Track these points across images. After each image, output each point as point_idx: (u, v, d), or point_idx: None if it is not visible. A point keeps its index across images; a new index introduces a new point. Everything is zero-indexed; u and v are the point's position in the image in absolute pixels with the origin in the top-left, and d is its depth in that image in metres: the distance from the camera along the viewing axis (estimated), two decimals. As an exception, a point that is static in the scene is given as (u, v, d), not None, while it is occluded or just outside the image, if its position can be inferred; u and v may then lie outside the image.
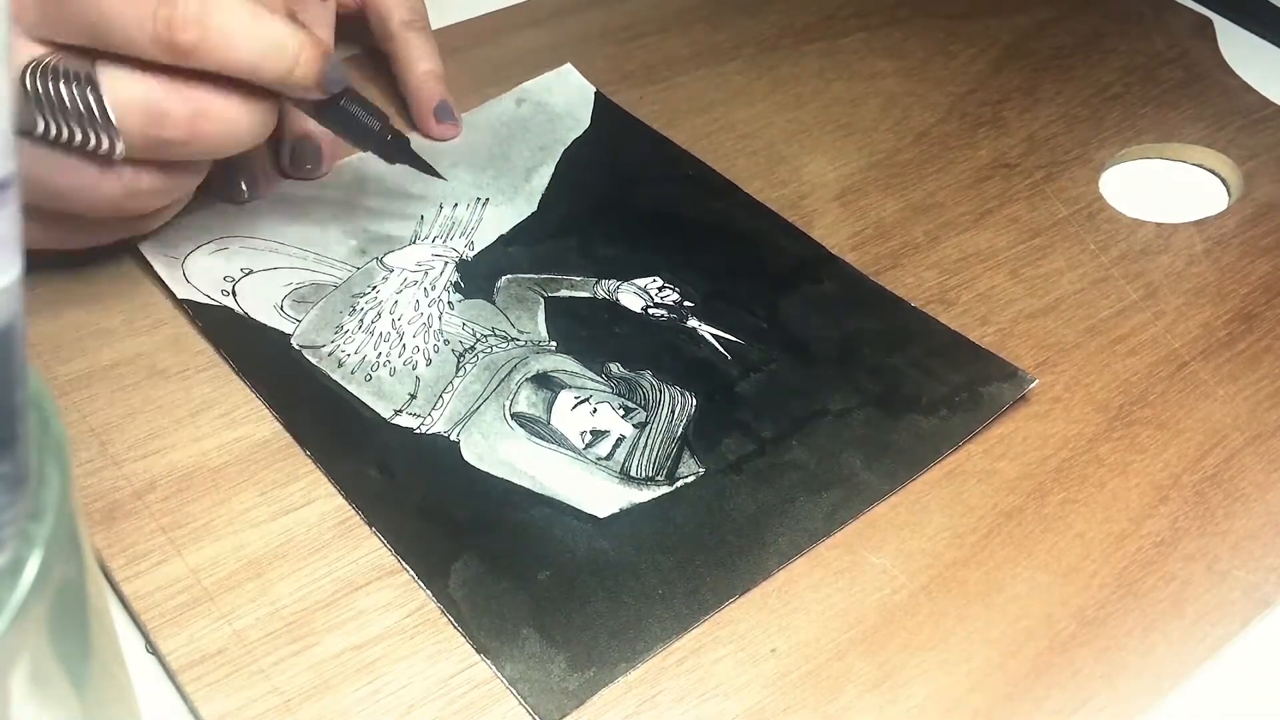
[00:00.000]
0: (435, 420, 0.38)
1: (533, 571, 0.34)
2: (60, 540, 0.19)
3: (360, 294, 0.42)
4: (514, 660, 0.32)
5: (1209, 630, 0.34)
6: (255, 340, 0.40)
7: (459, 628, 0.33)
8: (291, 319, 0.41)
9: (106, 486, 0.36)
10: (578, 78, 0.52)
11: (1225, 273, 0.45)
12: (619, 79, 0.53)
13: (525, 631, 0.33)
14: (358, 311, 0.41)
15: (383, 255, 0.43)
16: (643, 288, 0.43)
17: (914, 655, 0.33)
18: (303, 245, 0.43)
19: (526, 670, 0.32)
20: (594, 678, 0.32)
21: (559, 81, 0.52)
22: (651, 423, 0.38)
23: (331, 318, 0.41)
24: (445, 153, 0.48)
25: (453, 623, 0.33)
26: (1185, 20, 0.59)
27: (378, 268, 0.43)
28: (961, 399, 0.39)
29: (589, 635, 0.33)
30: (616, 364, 0.40)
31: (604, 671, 0.32)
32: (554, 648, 0.32)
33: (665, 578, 0.34)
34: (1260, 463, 0.38)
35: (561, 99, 0.51)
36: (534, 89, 0.51)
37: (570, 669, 0.32)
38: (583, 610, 0.33)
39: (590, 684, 0.32)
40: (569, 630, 0.33)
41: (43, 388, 0.20)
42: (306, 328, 0.41)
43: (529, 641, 0.32)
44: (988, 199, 0.48)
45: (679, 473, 0.37)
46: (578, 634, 0.33)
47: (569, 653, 0.32)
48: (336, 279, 0.42)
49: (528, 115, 0.50)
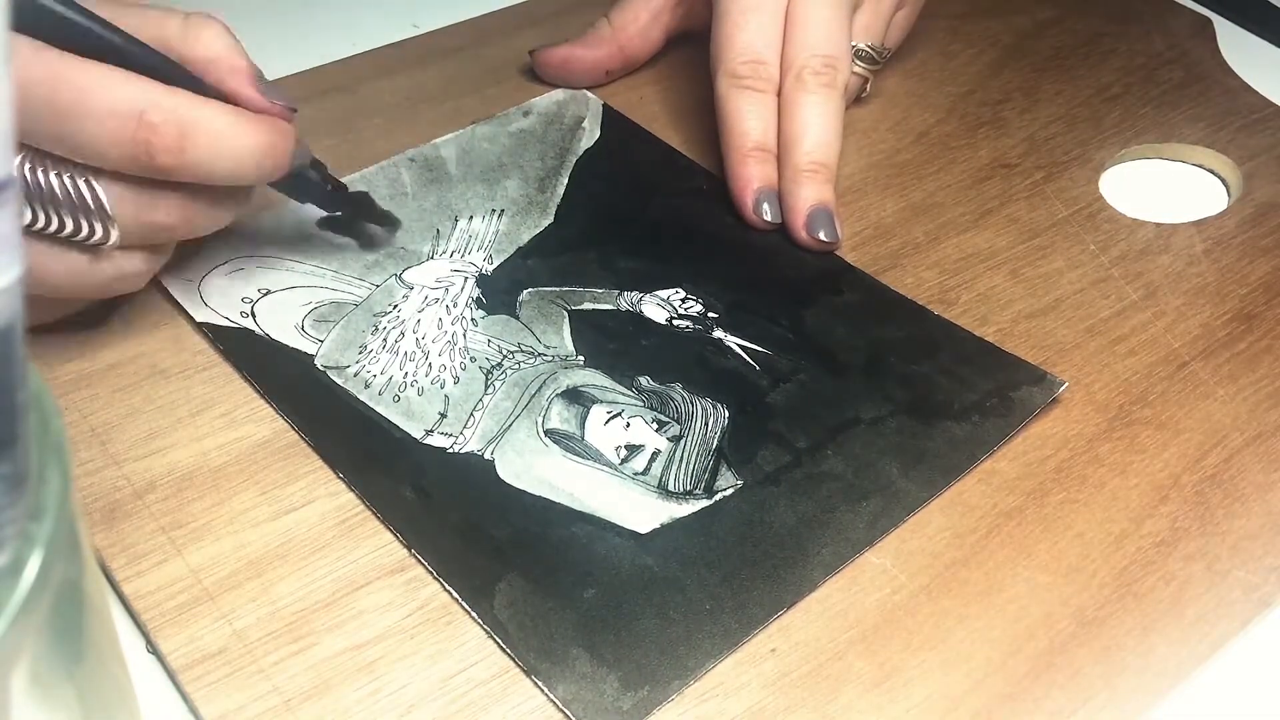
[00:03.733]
0: (468, 439, 0.38)
1: (578, 590, 0.34)
2: (60, 540, 0.19)
3: (382, 313, 0.41)
4: (565, 681, 0.32)
5: (1209, 630, 0.34)
6: (278, 361, 0.40)
7: (506, 649, 0.32)
8: (313, 339, 0.40)
9: (107, 486, 0.36)
10: (585, 95, 0.52)
11: (1225, 273, 0.45)
12: (619, 80, 0.53)
13: (575, 651, 0.32)
14: (380, 331, 0.41)
15: (401, 272, 0.43)
16: (666, 299, 0.43)
17: (914, 655, 0.33)
18: (320, 263, 0.43)
19: (579, 691, 0.31)
20: (647, 697, 0.31)
21: (569, 98, 0.52)
22: (686, 436, 0.38)
23: (354, 337, 0.41)
24: (454, 164, 0.48)
25: (500, 645, 0.32)
26: (1185, 20, 0.59)
27: (397, 285, 0.43)
28: (993, 404, 0.39)
29: (639, 654, 0.32)
30: (646, 377, 0.40)
31: (657, 690, 0.32)
32: (605, 667, 0.32)
33: (712, 593, 0.34)
34: (1260, 463, 0.38)
35: (570, 111, 0.51)
36: (541, 103, 0.51)
37: (623, 689, 0.32)
38: (631, 628, 0.33)
39: (644, 704, 0.31)
40: (619, 649, 0.32)
41: (43, 388, 0.20)
42: (329, 348, 0.40)
43: (579, 661, 0.32)
44: (988, 199, 0.48)
45: (717, 485, 0.37)
46: (628, 652, 0.32)
47: (620, 672, 0.32)
48: (355, 297, 0.42)
49: (537, 127, 0.50)
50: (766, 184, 0.46)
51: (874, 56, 0.50)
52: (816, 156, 0.46)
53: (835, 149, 0.46)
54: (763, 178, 0.46)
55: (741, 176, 0.46)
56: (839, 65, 0.47)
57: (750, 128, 0.46)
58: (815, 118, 0.46)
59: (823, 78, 0.46)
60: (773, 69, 0.47)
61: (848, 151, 0.50)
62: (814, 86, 0.46)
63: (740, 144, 0.46)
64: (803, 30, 0.47)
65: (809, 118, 0.46)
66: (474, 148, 0.49)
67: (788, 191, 0.46)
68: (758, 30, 0.47)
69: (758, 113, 0.46)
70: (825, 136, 0.46)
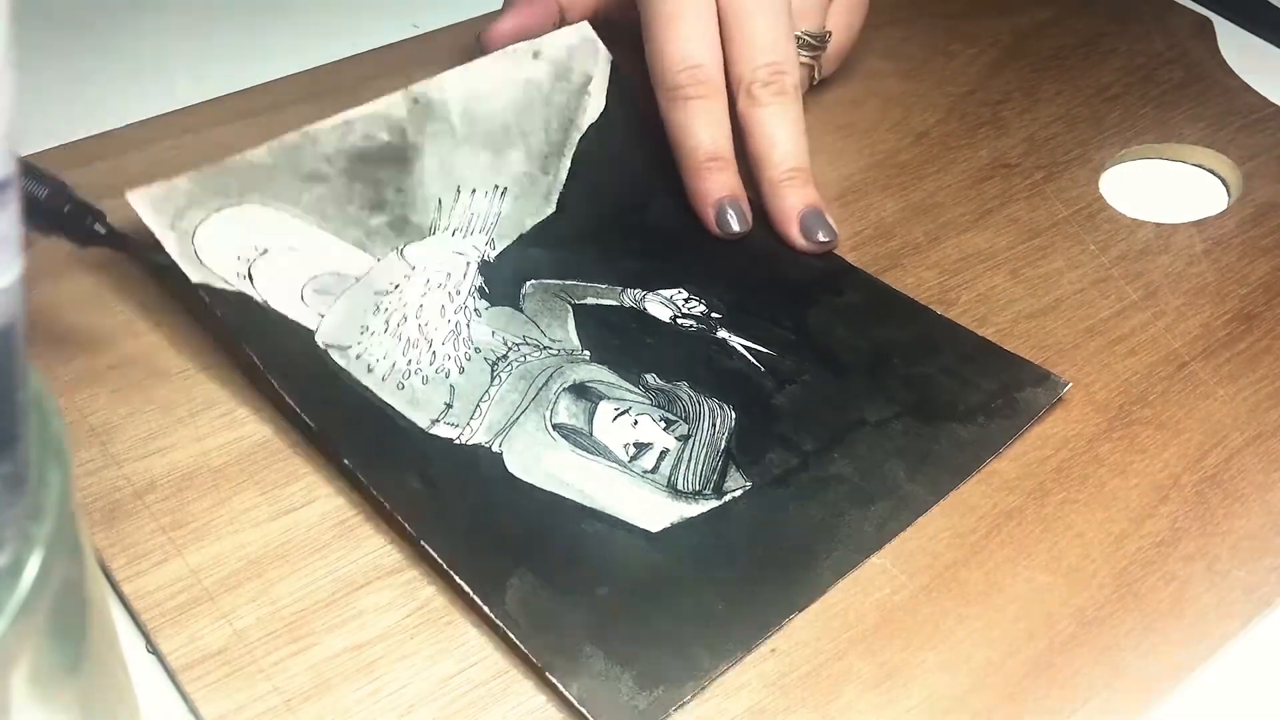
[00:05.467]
0: (475, 430, 0.37)
1: (590, 587, 0.34)
2: (60, 540, 0.19)
3: (383, 291, 0.41)
4: (579, 679, 0.31)
5: (1209, 630, 0.34)
6: (279, 335, 0.38)
7: (520, 645, 0.32)
8: (313, 311, 0.39)
9: (107, 486, 0.36)
10: (595, 42, 0.49)
11: (1225, 273, 0.45)
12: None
13: (589, 649, 0.32)
14: (382, 312, 0.40)
15: (402, 247, 0.42)
16: (669, 298, 0.43)
17: (914, 655, 0.33)
18: (320, 215, 0.41)
19: (594, 689, 0.31)
20: (662, 697, 0.31)
21: (579, 43, 0.48)
22: (694, 435, 0.38)
23: (356, 315, 0.40)
24: (458, 116, 0.45)
25: (514, 640, 0.32)
26: (1185, 20, 0.59)
27: (398, 260, 0.42)
28: (997, 405, 0.39)
29: (654, 653, 0.32)
30: (652, 374, 0.40)
31: (671, 690, 0.32)
32: (619, 666, 0.32)
33: (724, 594, 0.34)
34: (1260, 463, 0.38)
35: (578, 66, 0.48)
36: (550, 46, 0.48)
37: (638, 688, 0.31)
38: (646, 628, 0.33)
39: (659, 703, 0.31)
40: (634, 648, 0.32)
41: (43, 388, 0.20)
42: (331, 326, 0.39)
43: (593, 660, 0.32)
44: (988, 199, 0.48)
45: (726, 486, 0.37)
46: (643, 651, 0.32)
47: (635, 671, 0.32)
48: (356, 267, 0.41)
49: (545, 80, 0.47)
50: (727, 193, 0.45)
51: (812, 43, 0.49)
52: (790, 164, 0.45)
53: (804, 150, 0.46)
54: (721, 188, 0.45)
55: (699, 192, 0.45)
56: (787, 68, 0.46)
57: (700, 139, 0.45)
58: (778, 128, 0.45)
59: (773, 87, 0.45)
60: (710, 70, 0.46)
61: (848, 151, 0.50)
62: (767, 98, 0.45)
63: (692, 158, 0.46)
64: (743, 42, 0.46)
65: (772, 130, 0.45)
66: (480, 93, 0.46)
67: (773, 206, 0.45)
68: (687, 37, 0.46)
69: (704, 121, 0.45)
70: (792, 143, 0.46)
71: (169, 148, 0.48)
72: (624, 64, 0.48)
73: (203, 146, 0.46)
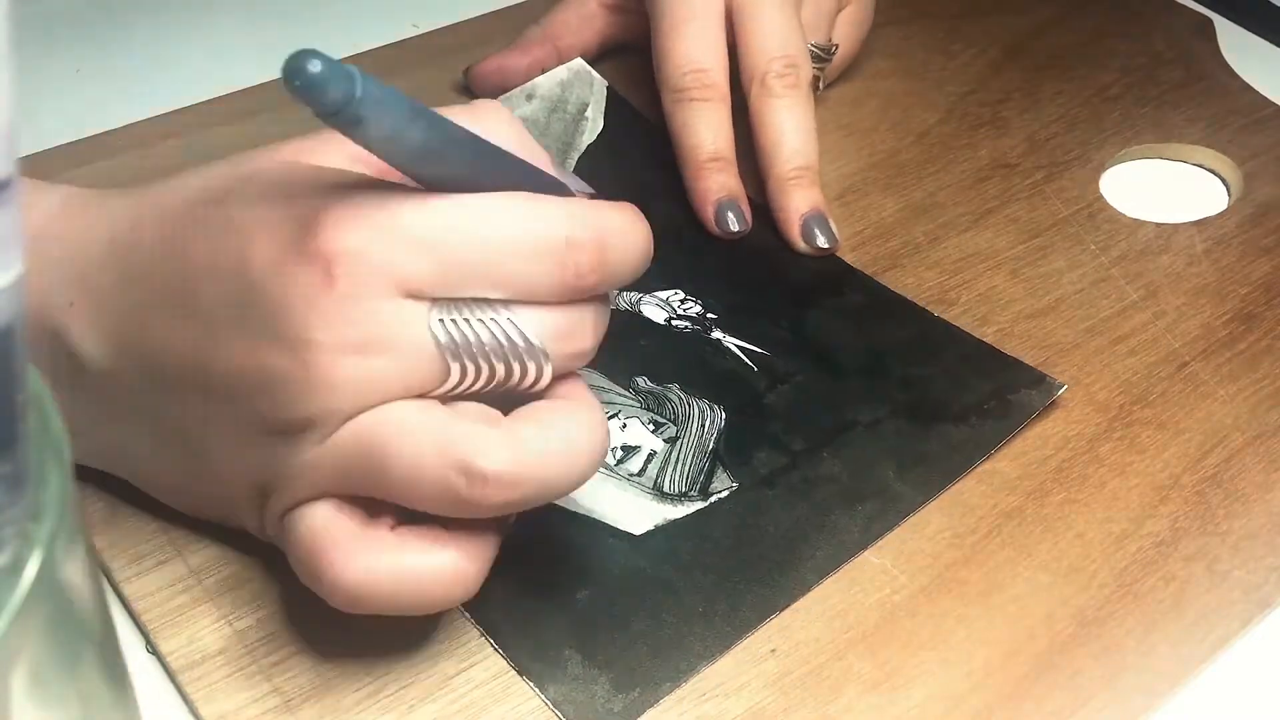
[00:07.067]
0: None
1: (570, 591, 0.34)
2: (60, 540, 0.19)
3: None
4: (556, 682, 0.32)
5: (1209, 630, 0.34)
6: None
7: (499, 650, 0.32)
8: None
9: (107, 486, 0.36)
10: (589, 73, 0.51)
11: (1225, 273, 0.45)
12: (618, 81, 0.53)
13: (567, 653, 0.32)
14: None
15: None
16: (665, 300, 0.43)
17: (914, 655, 0.33)
18: None
19: (570, 692, 0.32)
20: (639, 699, 0.32)
21: (572, 78, 0.50)
22: (682, 438, 0.38)
23: None
24: None
25: (492, 645, 0.32)
26: (1185, 20, 0.59)
27: None
28: (991, 407, 0.39)
29: (631, 656, 0.32)
30: (643, 377, 0.40)
31: (648, 692, 0.32)
32: (596, 669, 0.32)
33: (705, 595, 0.34)
34: (1260, 463, 0.38)
35: (574, 95, 0.50)
36: (545, 85, 0.50)
37: (614, 690, 0.32)
38: (624, 631, 0.33)
39: (635, 705, 0.31)
40: (611, 651, 0.32)
41: (43, 388, 0.20)
42: None
43: (571, 663, 0.32)
44: (988, 199, 0.48)
45: (713, 488, 0.37)
46: (620, 654, 0.32)
47: (611, 674, 0.32)
48: None
49: (540, 115, 0.49)
50: (726, 194, 0.45)
51: (820, 55, 0.50)
52: (798, 161, 0.45)
53: (814, 148, 0.46)
54: (721, 188, 0.45)
55: (699, 191, 0.46)
56: (800, 63, 0.46)
57: (701, 140, 0.46)
58: (789, 121, 0.45)
59: (787, 79, 0.46)
60: (716, 75, 0.46)
61: (848, 151, 0.50)
62: (780, 90, 0.45)
63: (694, 158, 0.46)
64: (756, 35, 0.46)
65: (782, 123, 0.45)
66: None
67: (777, 204, 0.45)
68: (695, 39, 0.46)
69: (707, 122, 0.46)
70: (803, 139, 0.46)
71: (169, 148, 0.48)
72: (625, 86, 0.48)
73: (203, 147, 0.46)
